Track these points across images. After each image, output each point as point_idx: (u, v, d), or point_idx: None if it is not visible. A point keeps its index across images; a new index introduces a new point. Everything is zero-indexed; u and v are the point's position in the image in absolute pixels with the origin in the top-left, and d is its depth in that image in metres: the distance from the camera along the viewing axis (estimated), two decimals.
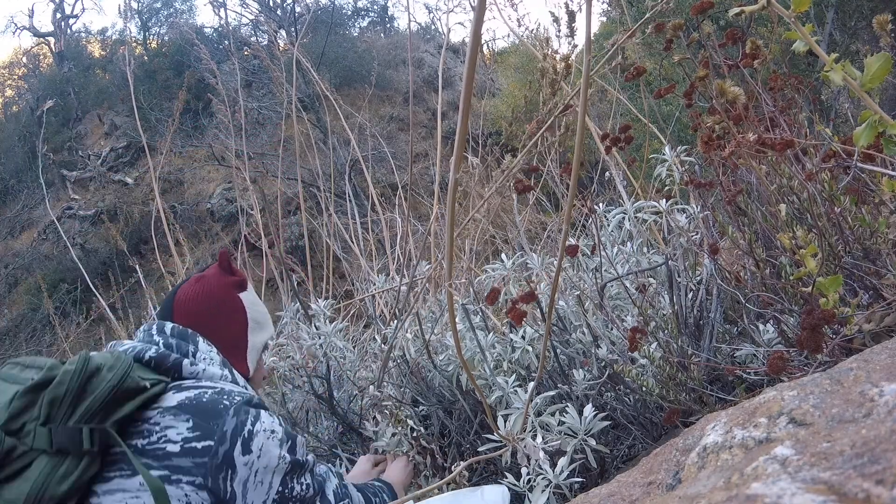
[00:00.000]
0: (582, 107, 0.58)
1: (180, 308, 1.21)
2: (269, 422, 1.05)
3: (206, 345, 1.16)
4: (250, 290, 1.32)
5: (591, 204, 1.55)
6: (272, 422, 1.06)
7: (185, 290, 1.24)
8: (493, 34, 20.82)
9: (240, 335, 1.26)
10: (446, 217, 0.60)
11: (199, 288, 1.24)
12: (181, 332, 1.15)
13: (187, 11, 18.64)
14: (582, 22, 7.44)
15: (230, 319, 1.25)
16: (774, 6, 0.83)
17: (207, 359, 1.14)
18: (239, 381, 1.17)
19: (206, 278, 1.26)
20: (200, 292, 1.23)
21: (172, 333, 1.15)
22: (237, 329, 1.26)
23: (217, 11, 18.31)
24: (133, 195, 13.87)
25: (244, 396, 1.07)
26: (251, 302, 1.30)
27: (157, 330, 1.16)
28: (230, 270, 1.30)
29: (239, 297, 1.28)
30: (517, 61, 12.07)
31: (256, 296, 1.34)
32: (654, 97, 1.38)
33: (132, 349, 1.09)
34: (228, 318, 1.25)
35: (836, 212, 1.18)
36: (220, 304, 1.24)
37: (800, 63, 5.06)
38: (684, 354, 1.36)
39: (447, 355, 1.83)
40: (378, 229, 3.73)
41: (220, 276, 1.27)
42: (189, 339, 1.15)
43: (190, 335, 1.16)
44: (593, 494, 0.92)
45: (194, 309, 1.21)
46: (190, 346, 1.14)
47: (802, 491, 0.37)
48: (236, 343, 1.25)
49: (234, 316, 1.26)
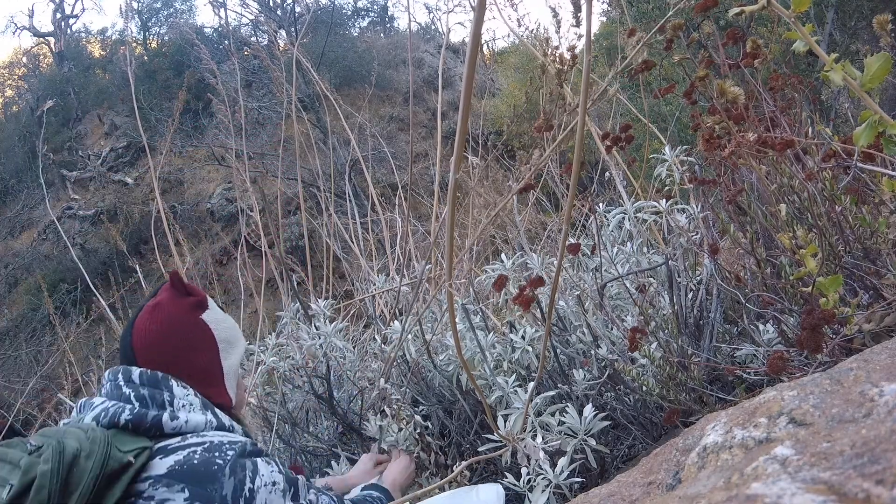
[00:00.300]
0: (582, 107, 0.58)
1: (141, 348, 1.09)
2: (267, 473, 1.00)
3: (180, 388, 1.06)
4: (212, 306, 1.20)
5: (591, 204, 1.55)
6: (271, 471, 1.01)
7: (142, 325, 1.11)
8: (493, 34, 20.82)
9: (213, 363, 1.15)
10: (446, 217, 0.60)
11: (155, 320, 1.11)
12: (151, 379, 1.05)
13: (187, 11, 18.66)
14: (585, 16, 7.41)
15: (199, 349, 1.13)
16: (774, 6, 0.83)
17: (186, 405, 1.04)
18: (225, 422, 1.08)
19: (161, 306, 1.13)
20: (159, 325, 1.11)
21: (142, 381, 1.04)
22: (208, 357, 1.15)
23: (217, 12, 18.31)
24: (133, 195, 13.88)
25: (236, 447, 0.99)
26: (216, 321, 1.18)
27: (124, 379, 1.05)
28: (185, 291, 1.17)
29: (202, 319, 1.15)
30: (517, 61, 12.08)
31: (220, 310, 1.22)
32: (655, 97, 1.38)
33: (104, 413, 1.00)
34: (196, 347, 1.13)
35: (836, 212, 1.18)
36: (184, 334, 1.12)
37: (800, 63, 5.06)
38: (684, 354, 1.36)
39: (447, 355, 1.83)
40: (378, 229, 3.73)
41: (176, 301, 1.15)
42: (161, 386, 1.05)
43: (161, 380, 1.05)
44: (593, 494, 0.92)
45: (156, 346, 1.09)
46: (165, 394, 1.04)
47: (802, 491, 0.37)
48: (211, 373, 1.14)
49: (203, 344, 1.14)
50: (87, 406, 1.04)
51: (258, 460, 1.00)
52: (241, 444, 1.01)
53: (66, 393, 3.64)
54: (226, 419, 1.09)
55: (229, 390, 1.17)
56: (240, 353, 1.21)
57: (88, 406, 1.04)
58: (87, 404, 1.04)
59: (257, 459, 1.00)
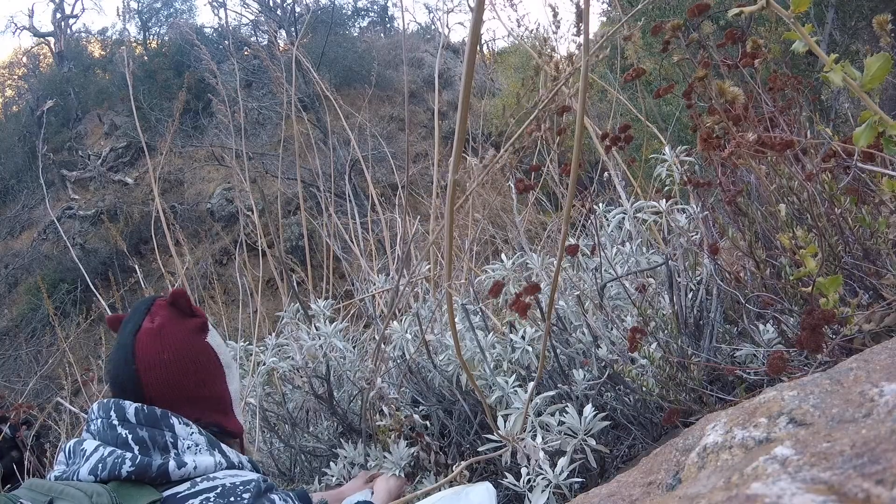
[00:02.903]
0: (581, 106, 0.58)
1: (153, 382, 0.97)
2: None
3: (182, 426, 0.95)
4: (211, 328, 1.10)
5: (590, 204, 1.55)
6: None
7: (150, 354, 0.98)
8: (493, 34, 20.84)
9: (222, 390, 1.06)
10: (445, 217, 0.60)
11: (162, 347, 0.99)
12: (149, 418, 0.93)
13: (187, 11, 18.68)
14: None
15: (208, 376, 1.04)
16: (774, 6, 0.83)
17: (192, 445, 0.94)
18: (234, 460, 0.98)
19: (166, 330, 1.01)
20: (172, 355, 0.99)
21: (139, 420, 0.93)
22: (220, 384, 1.06)
23: (216, 12, 18.32)
24: (133, 195, 13.88)
25: (251, 487, 0.91)
26: (217, 344, 1.09)
27: (118, 418, 0.93)
28: (190, 311, 1.06)
29: (208, 343, 1.06)
30: (517, 61, 12.08)
31: (215, 331, 1.13)
32: (654, 97, 1.38)
33: (101, 465, 0.88)
34: (206, 375, 1.03)
35: (835, 212, 1.18)
36: (198, 363, 1.02)
37: (800, 63, 5.06)
38: (684, 354, 1.36)
39: (447, 355, 1.83)
40: (378, 229, 3.73)
41: (180, 323, 1.03)
42: (162, 425, 0.93)
43: (160, 418, 0.94)
44: (593, 494, 0.92)
45: (172, 380, 0.98)
46: (167, 435, 0.93)
47: (802, 491, 0.37)
48: (221, 401, 1.06)
49: (215, 371, 1.05)
50: (77, 453, 0.92)
51: (274, 497, 0.93)
52: (255, 482, 0.92)
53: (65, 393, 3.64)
54: (234, 456, 0.99)
55: (238, 416, 1.09)
56: (238, 376, 1.13)
57: (80, 453, 0.91)
58: (78, 450, 0.92)
59: (274, 497, 0.93)
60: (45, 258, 12.71)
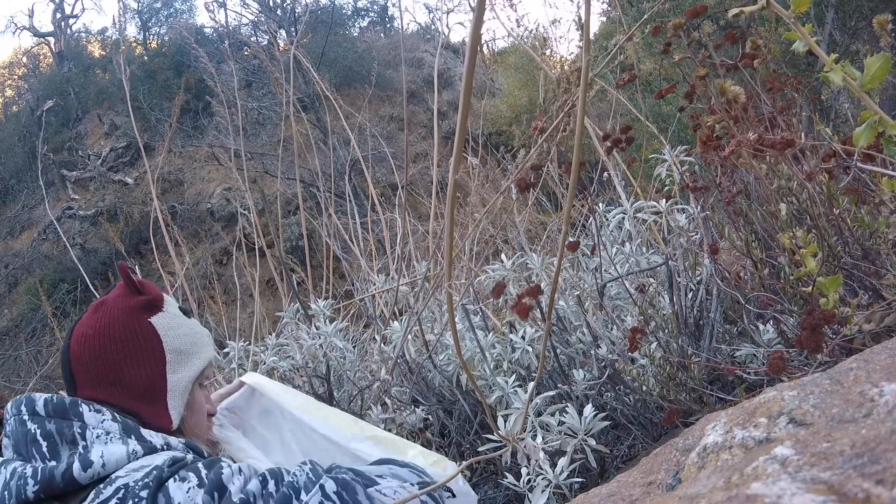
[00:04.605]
0: (581, 107, 0.58)
1: (77, 359, 0.93)
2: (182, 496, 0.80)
3: (92, 414, 0.88)
4: (169, 308, 1.03)
5: (590, 204, 1.55)
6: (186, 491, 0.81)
7: (81, 329, 0.95)
8: (493, 34, 20.84)
9: (154, 376, 0.97)
10: (446, 217, 0.60)
11: (96, 324, 0.95)
12: (58, 408, 0.88)
13: (187, 11, 18.68)
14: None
15: (139, 360, 0.96)
16: (774, 6, 0.83)
17: (101, 434, 0.86)
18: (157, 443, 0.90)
19: (105, 305, 0.97)
20: (97, 330, 0.94)
21: (48, 412, 0.87)
22: (149, 369, 0.96)
23: (213, 16, 18.31)
24: (133, 195, 13.88)
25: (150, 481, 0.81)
26: (169, 327, 1.00)
27: (28, 413, 0.88)
28: (135, 288, 0.99)
29: (150, 322, 0.98)
30: (517, 61, 12.08)
31: (180, 314, 1.05)
32: (656, 98, 1.38)
33: (7, 493, 0.82)
34: (134, 356, 0.95)
35: (835, 213, 1.18)
36: (124, 340, 0.95)
37: (800, 63, 5.06)
38: (684, 354, 1.36)
39: (447, 355, 1.83)
40: (378, 229, 3.73)
41: (122, 300, 0.98)
42: (71, 414, 0.87)
43: (69, 407, 0.88)
44: (593, 494, 0.92)
45: (90, 355, 0.93)
46: (75, 426, 0.86)
47: (802, 491, 0.37)
48: (150, 388, 0.96)
49: (145, 353, 0.96)
50: None
51: (169, 485, 0.81)
52: (157, 469, 0.82)
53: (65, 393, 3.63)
54: (158, 439, 0.91)
55: (171, 409, 0.98)
56: (196, 368, 1.03)
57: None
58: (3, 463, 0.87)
59: (168, 485, 0.81)
60: (45, 258, 12.72)
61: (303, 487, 0.82)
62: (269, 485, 0.82)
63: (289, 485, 0.83)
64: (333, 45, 14.45)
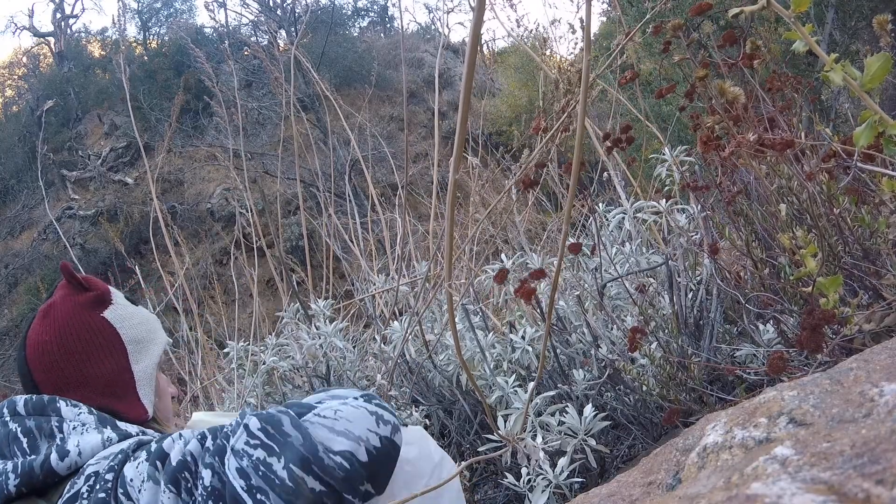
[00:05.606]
0: (581, 107, 0.58)
1: (38, 366, 0.93)
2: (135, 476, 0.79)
3: (69, 408, 0.89)
4: (118, 300, 1.02)
5: (590, 204, 1.55)
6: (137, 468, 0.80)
7: (34, 335, 0.94)
8: (493, 34, 20.85)
9: (119, 370, 0.97)
10: (446, 217, 0.60)
11: (49, 328, 0.94)
12: (37, 406, 0.89)
13: (187, 11, 18.69)
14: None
15: (99, 355, 0.95)
16: (774, 6, 0.83)
17: (78, 426, 0.87)
18: (131, 431, 0.91)
19: (54, 308, 0.96)
20: (53, 334, 0.93)
21: (28, 411, 0.88)
22: (112, 364, 0.96)
23: (213, 16, 18.31)
24: (133, 195, 13.89)
25: (115, 465, 0.81)
26: (121, 318, 1.00)
27: (10, 413, 0.89)
28: (80, 286, 0.98)
29: (103, 317, 0.97)
30: (517, 61, 12.08)
31: (128, 303, 1.04)
32: (656, 97, 1.38)
33: None
34: (98, 354, 0.95)
35: (835, 213, 1.18)
36: (82, 339, 0.94)
37: (800, 63, 5.06)
38: (684, 354, 1.36)
39: (447, 355, 1.83)
40: (378, 229, 3.73)
41: (69, 299, 0.97)
42: (49, 410, 0.88)
43: (48, 404, 0.89)
44: (593, 494, 0.92)
45: (53, 361, 0.92)
46: (53, 421, 0.87)
47: (802, 491, 0.37)
48: (117, 382, 0.96)
49: (106, 348, 0.96)
50: None
51: (126, 465, 0.81)
52: (121, 453, 0.83)
53: None
54: (133, 429, 0.92)
55: (143, 399, 0.99)
56: (156, 353, 1.04)
57: None
58: None
59: (124, 469, 0.80)
60: (45, 258, 12.71)
61: (231, 433, 0.80)
62: (206, 441, 0.81)
63: (224, 435, 0.81)
64: (333, 45, 14.45)
